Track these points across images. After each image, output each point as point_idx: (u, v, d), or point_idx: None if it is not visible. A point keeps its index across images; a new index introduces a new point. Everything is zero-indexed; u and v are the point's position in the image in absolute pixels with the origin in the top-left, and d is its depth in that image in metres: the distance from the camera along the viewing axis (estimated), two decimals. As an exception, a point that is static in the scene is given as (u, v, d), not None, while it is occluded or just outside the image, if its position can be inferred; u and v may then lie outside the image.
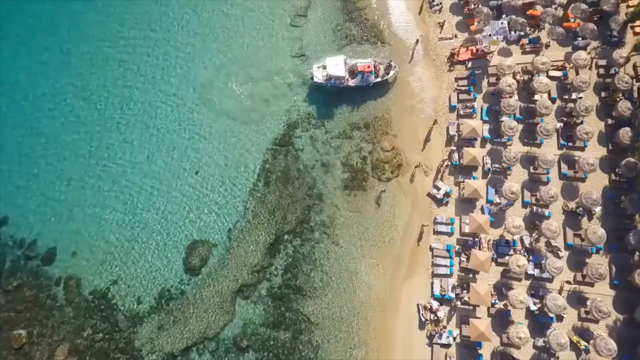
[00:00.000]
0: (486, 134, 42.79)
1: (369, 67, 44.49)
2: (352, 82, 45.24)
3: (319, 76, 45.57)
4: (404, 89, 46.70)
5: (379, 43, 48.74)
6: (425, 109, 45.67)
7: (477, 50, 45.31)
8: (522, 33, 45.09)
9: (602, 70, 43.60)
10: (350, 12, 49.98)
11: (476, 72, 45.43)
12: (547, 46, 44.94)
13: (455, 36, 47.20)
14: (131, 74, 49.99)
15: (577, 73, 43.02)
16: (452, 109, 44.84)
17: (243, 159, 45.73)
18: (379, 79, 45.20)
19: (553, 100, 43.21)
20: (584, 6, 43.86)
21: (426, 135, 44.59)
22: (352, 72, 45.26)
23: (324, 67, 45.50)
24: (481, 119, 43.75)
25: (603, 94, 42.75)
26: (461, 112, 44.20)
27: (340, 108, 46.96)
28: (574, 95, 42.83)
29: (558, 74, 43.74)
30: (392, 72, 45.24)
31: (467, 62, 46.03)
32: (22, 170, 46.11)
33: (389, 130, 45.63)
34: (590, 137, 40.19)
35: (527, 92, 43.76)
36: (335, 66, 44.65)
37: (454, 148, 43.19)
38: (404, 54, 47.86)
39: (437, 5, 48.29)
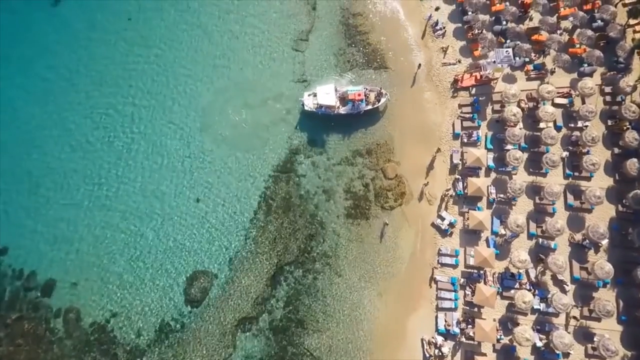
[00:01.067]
0: (490, 163, 42.19)
1: (359, 95, 44.06)
2: (343, 110, 44.84)
3: (309, 104, 45.10)
4: (406, 115, 46.14)
5: (381, 68, 48.18)
6: (428, 136, 45.03)
7: (481, 76, 44.75)
8: (527, 59, 44.43)
9: (608, 97, 42.95)
10: (352, 37, 49.48)
11: (480, 98, 44.84)
12: (552, 72, 44.33)
13: (459, 61, 46.63)
14: (129, 98, 49.62)
15: (583, 101, 42.37)
16: (455, 136, 44.24)
17: (244, 186, 45.22)
18: (369, 107, 44.72)
19: (558, 129, 42.58)
20: (589, 32, 43.24)
21: (429, 163, 43.99)
22: (343, 99, 44.81)
23: (315, 95, 45.09)
24: (485, 147, 43.15)
25: (610, 122, 42.09)
26: (465, 140, 43.61)
27: (342, 134, 46.46)
28: (579, 124, 42.19)
29: (564, 101, 43.14)
30: (383, 100, 44.81)
31: (470, 88, 45.45)
32: (22, 199, 45.65)
33: (391, 157, 45.08)
34: (597, 169, 39.50)
35: (532, 119, 43.15)
36: (325, 95, 44.30)
37: (458, 177, 42.58)
38: (406, 79, 47.33)
39: (440, 30, 47.71)
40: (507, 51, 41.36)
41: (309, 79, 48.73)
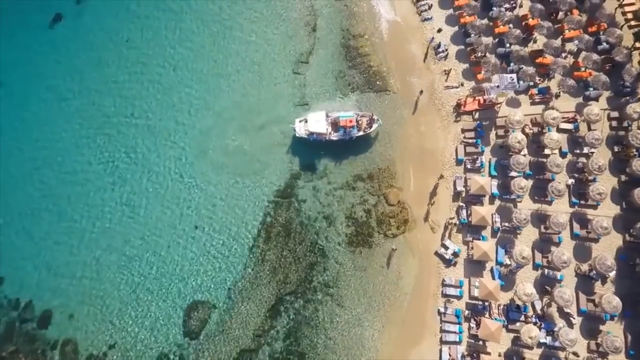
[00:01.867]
0: (495, 190, 41.38)
1: (350, 122, 43.44)
2: (334, 137, 44.20)
3: (300, 130, 44.40)
4: (408, 139, 45.41)
5: (382, 91, 47.43)
6: (430, 161, 44.24)
7: (484, 100, 43.96)
8: (532, 83, 43.63)
9: (614, 123, 42.14)
10: (353, 59, 48.73)
11: (483, 123, 44.07)
12: (557, 96, 43.54)
13: (462, 85, 45.85)
14: (129, 119, 49.19)
15: (589, 127, 41.56)
16: (459, 162, 43.46)
17: (243, 212, 44.52)
18: (361, 133, 44.02)
19: (564, 155, 41.80)
20: (595, 56, 42.45)
21: (432, 189, 43.19)
22: (335, 125, 44.09)
23: (306, 121, 44.45)
24: (489, 174, 42.36)
25: (616, 149, 41.29)
26: (468, 166, 42.82)
27: (343, 158, 45.77)
28: (585, 150, 41.35)
29: (569, 126, 42.36)
30: (375, 126, 44.16)
31: (474, 112, 44.68)
32: (20, 229, 44.97)
33: (393, 182, 44.31)
34: (603, 198, 38.67)
35: (537, 145, 42.33)
36: (316, 122, 43.75)
37: (462, 204, 41.77)
38: (408, 102, 46.56)
39: (443, 52, 46.94)
40: (511, 77, 40.57)
41: (309, 102, 47.98)
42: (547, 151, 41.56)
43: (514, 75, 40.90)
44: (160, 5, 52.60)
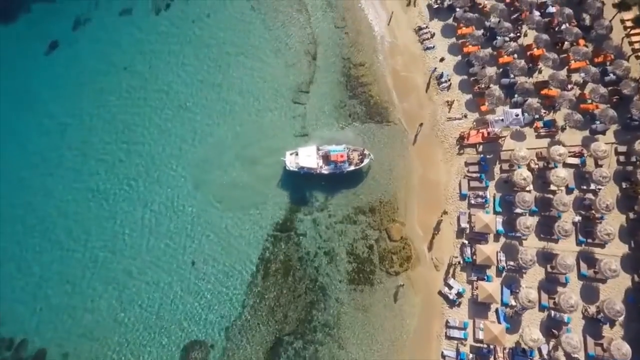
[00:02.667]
0: (500, 228, 40.35)
1: (342, 156, 42.65)
2: (325, 170, 43.34)
3: (291, 163, 43.50)
4: (411, 172, 44.45)
5: (384, 122, 46.48)
6: (433, 195, 43.24)
7: (488, 133, 42.99)
8: (537, 116, 42.64)
9: (622, 158, 41.15)
10: (353, 89, 47.81)
11: (487, 157, 43.08)
12: (563, 129, 42.55)
13: (465, 116, 44.88)
14: (124, 147, 48.25)
15: (596, 163, 40.56)
16: (462, 197, 42.44)
17: (241, 247, 43.48)
18: (352, 168, 43.18)
19: (570, 191, 40.78)
20: (602, 90, 41.48)
21: (436, 225, 42.15)
22: (327, 158, 43.23)
23: (297, 154, 43.54)
24: (494, 210, 41.35)
25: (624, 185, 40.26)
26: (472, 202, 41.81)
27: (344, 190, 44.78)
28: (592, 186, 40.30)
29: (575, 161, 41.34)
30: (366, 161, 43.31)
31: (477, 145, 43.69)
32: (12, 264, 44.05)
33: (396, 217, 43.29)
34: (612, 239, 37.59)
35: (543, 180, 41.32)
36: (306, 157, 42.95)
37: (466, 242, 40.69)
38: (410, 134, 45.58)
39: (445, 82, 45.99)
40: (516, 113, 39.56)
41: (310, 132, 47.02)
42: (553, 187, 40.51)
43: (519, 111, 39.89)
44: (159, 34, 51.77)
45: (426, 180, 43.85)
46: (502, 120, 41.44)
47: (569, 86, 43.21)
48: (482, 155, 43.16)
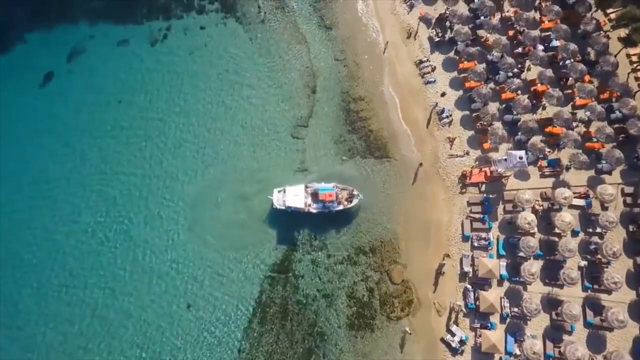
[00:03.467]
0: (503, 272, 39.29)
1: (330, 196, 41.67)
2: (313, 209, 42.35)
3: (278, 202, 42.34)
4: (412, 211, 43.43)
5: (384, 157, 45.46)
6: (435, 236, 42.20)
7: (491, 172, 41.91)
8: (541, 155, 41.59)
9: (629, 199, 40.08)
10: (352, 123, 46.80)
11: (490, 196, 42.04)
12: (568, 169, 41.49)
13: (467, 153, 43.84)
14: (116, 184, 47.14)
15: (602, 206, 39.48)
16: (465, 238, 41.40)
17: (238, 289, 42.48)
18: (341, 207, 42.16)
19: (576, 234, 39.71)
20: (608, 130, 40.45)
21: (438, 267, 41.06)
22: (315, 196, 42.27)
23: (285, 192, 42.56)
24: (497, 253, 40.32)
25: (631, 228, 39.19)
26: (475, 244, 40.75)
27: (344, 229, 43.85)
28: (598, 229, 39.19)
29: (581, 202, 40.29)
30: (355, 201, 42.28)
31: (480, 184, 42.63)
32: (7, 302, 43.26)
33: (397, 258, 42.27)
34: (619, 287, 36.50)
35: (547, 222, 40.25)
36: (294, 197, 42.01)
37: (469, 286, 39.62)
38: (411, 171, 44.58)
39: (447, 117, 44.97)
40: (520, 156, 38.48)
41: (309, 167, 46.02)
42: (557, 230, 39.40)
43: (522, 153, 38.79)
44: (155, 65, 50.65)
45: (428, 220, 42.81)
46: (506, 160, 40.32)
47: (574, 124, 42.14)
48: (485, 195, 42.11)
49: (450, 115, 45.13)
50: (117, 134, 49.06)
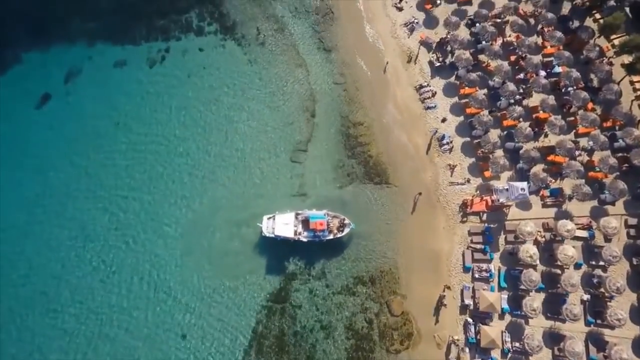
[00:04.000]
0: (505, 305, 38.51)
1: (321, 224, 40.91)
2: (304, 238, 41.59)
3: (267, 229, 41.54)
4: (412, 239, 42.68)
5: (383, 184, 44.82)
6: (436, 266, 41.48)
7: (492, 201, 41.21)
8: (543, 185, 40.93)
9: (632, 231, 39.37)
10: (352, 148, 46.18)
11: (492, 226, 41.36)
12: (570, 198, 40.80)
13: (468, 181, 43.21)
14: (111, 207, 46.56)
15: (605, 239, 38.77)
16: (466, 269, 40.68)
17: (234, 320, 41.58)
18: (331, 236, 41.47)
19: (578, 267, 38.97)
20: (612, 160, 39.78)
21: (438, 299, 40.29)
22: (306, 223, 41.59)
23: (274, 219, 41.86)
24: (499, 285, 39.60)
25: (635, 261, 38.44)
26: (476, 275, 40.05)
27: (342, 257, 43.08)
28: (602, 262, 38.46)
29: (584, 234, 39.58)
30: (346, 230, 41.53)
31: (481, 213, 41.95)
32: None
33: (397, 289, 41.51)
34: (623, 324, 35.75)
35: (549, 253, 39.56)
36: (283, 225, 41.25)
37: (470, 320, 38.83)
38: (410, 197, 43.86)
39: (447, 144, 44.36)
40: (522, 188, 37.75)
41: (307, 192, 45.39)
42: (560, 262, 38.69)
43: (524, 185, 38.07)
44: (153, 88, 50.20)
45: (428, 249, 42.09)
46: (507, 190, 39.61)
47: (577, 152, 41.47)
48: (486, 225, 41.43)
49: (451, 142, 44.54)
50: (113, 158, 48.47)
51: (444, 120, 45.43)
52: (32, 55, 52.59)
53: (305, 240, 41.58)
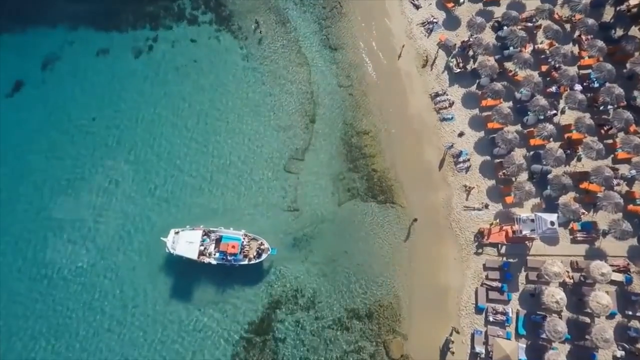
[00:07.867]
0: (523, 357, 32.93)
1: (233, 247, 35.72)
2: (213, 260, 36.44)
3: (171, 245, 36.32)
4: (417, 270, 37.32)
5: (387, 203, 39.43)
6: (443, 303, 35.97)
7: (513, 232, 35.61)
8: (574, 217, 35.23)
9: (677, 278, 33.54)
10: (355, 160, 40.79)
11: (511, 261, 35.78)
12: (605, 235, 35.11)
13: (486, 206, 37.60)
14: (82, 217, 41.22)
15: (646, 286, 33.03)
16: (479, 310, 35.09)
17: (207, 352, 36.21)
18: (245, 262, 36.27)
19: (611, 316, 33.23)
20: (657, 193, 33.96)
21: (444, 343, 34.73)
22: (219, 242, 36.64)
23: (180, 234, 36.74)
24: (516, 331, 33.97)
25: (680, 314, 32.61)
26: (491, 319, 34.45)
27: (338, 284, 37.89)
28: (639, 312, 32.73)
29: (619, 277, 33.89)
30: (264, 255, 36.41)
31: (499, 245, 36.33)
32: None
33: (397, 327, 36.07)
34: (666, 392, 29.96)
35: (578, 297, 33.88)
36: (187, 243, 36.10)
37: (480, 371, 33.22)
38: (418, 221, 38.32)
39: (464, 162, 38.84)
40: (552, 222, 32.20)
41: (301, 207, 40.03)
42: (591, 310, 32.93)
43: (554, 218, 32.49)
44: (137, 80, 44.92)
45: (436, 283, 36.65)
46: (532, 221, 34.04)
47: (615, 181, 35.73)
48: (504, 260, 35.86)
49: (468, 160, 38.99)
50: (87, 156, 43.29)
51: (461, 134, 39.88)
52: (6, 37, 47.49)
53: (214, 262, 36.40)
